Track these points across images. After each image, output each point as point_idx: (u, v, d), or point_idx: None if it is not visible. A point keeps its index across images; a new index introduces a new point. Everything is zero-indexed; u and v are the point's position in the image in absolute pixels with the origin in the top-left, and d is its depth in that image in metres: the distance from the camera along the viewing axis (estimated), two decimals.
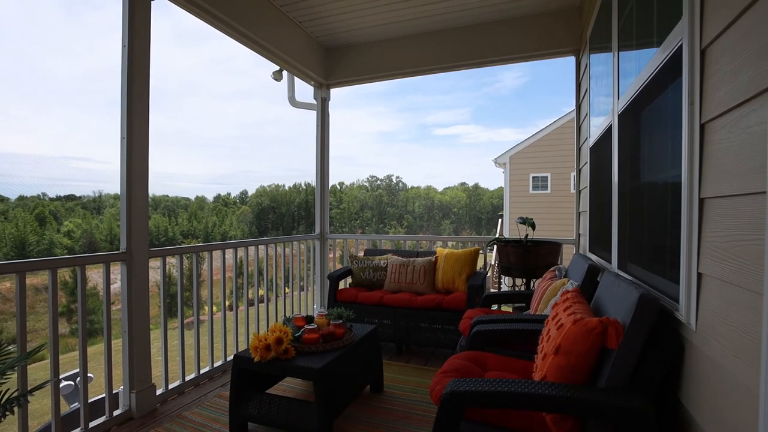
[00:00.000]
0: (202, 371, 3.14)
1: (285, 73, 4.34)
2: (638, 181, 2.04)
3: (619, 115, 2.12)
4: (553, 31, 3.75)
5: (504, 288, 5.42)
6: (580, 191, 3.70)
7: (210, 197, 38.56)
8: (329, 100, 4.73)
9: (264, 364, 2.23)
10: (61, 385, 3.08)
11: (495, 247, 9.85)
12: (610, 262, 2.30)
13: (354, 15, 3.90)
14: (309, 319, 2.59)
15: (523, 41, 3.86)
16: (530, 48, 3.84)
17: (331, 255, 4.81)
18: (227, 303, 3.33)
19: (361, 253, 4.35)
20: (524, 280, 3.66)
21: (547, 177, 13.06)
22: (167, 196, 35.23)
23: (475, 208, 38.65)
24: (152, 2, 2.61)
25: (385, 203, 40.01)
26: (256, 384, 2.48)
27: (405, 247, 4.73)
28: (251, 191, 39.56)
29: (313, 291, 4.63)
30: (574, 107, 3.80)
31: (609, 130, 2.35)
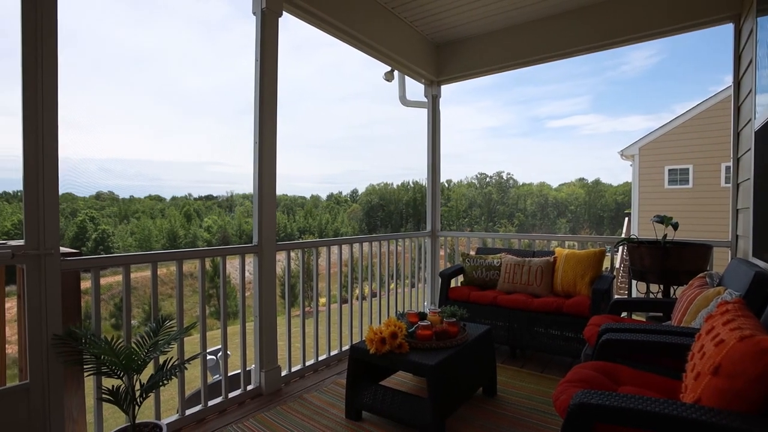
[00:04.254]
0: (320, 358, 3.36)
1: (396, 72, 4.42)
2: None
3: None
4: None
5: (635, 294, 4.84)
6: (738, 184, 3.12)
7: (324, 196, 41.34)
8: (440, 97, 4.71)
9: (379, 357, 2.29)
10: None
11: (622, 248, 8.84)
12: None
13: (464, 8, 3.81)
14: (422, 316, 2.60)
15: (663, 13, 3.37)
16: (672, 20, 3.33)
17: (441, 253, 4.79)
18: (339, 296, 3.51)
19: (473, 252, 4.25)
20: (661, 286, 3.22)
21: (687, 169, 11.29)
22: (286, 195, 38.66)
23: (595, 206, 35.33)
24: (279, 18, 2.85)
25: (495, 201, 38.69)
26: (369, 375, 2.56)
27: (518, 246, 4.49)
28: (361, 190, 41.43)
29: (423, 288, 4.66)
30: (729, 85, 3.21)
31: None
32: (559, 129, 60.71)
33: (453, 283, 3.96)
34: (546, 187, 39.05)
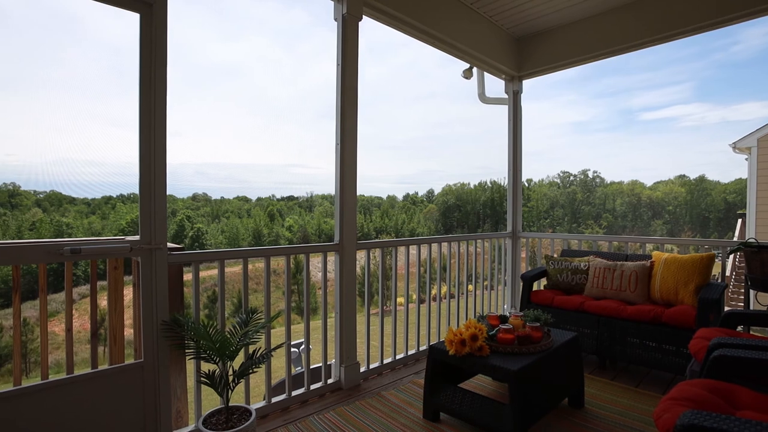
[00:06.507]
0: (397, 357, 3.37)
1: (474, 69, 4.32)
2: None
3: None
4: None
5: (753, 306, 4.24)
6: None
7: (400, 196, 41.81)
8: (521, 92, 4.51)
9: (459, 359, 2.25)
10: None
11: (734, 254, 7.74)
12: None
13: None
14: (503, 319, 2.51)
15: None
16: None
17: (521, 255, 4.59)
18: (416, 296, 3.50)
19: (557, 254, 4.01)
20: None
21: None
22: (363, 195, 39.68)
23: (699, 206, 31.69)
24: (359, 22, 2.91)
25: (580, 201, 36.29)
26: (447, 376, 2.52)
27: (608, 249, 4.16)
28: (437, 190, 41.26)
29: (502, 291, 4.49)
30: None
31: None
32: (654, 121, 55.27)
33: (535, 287, 3.77)
34: (638, 185, 35.84)
